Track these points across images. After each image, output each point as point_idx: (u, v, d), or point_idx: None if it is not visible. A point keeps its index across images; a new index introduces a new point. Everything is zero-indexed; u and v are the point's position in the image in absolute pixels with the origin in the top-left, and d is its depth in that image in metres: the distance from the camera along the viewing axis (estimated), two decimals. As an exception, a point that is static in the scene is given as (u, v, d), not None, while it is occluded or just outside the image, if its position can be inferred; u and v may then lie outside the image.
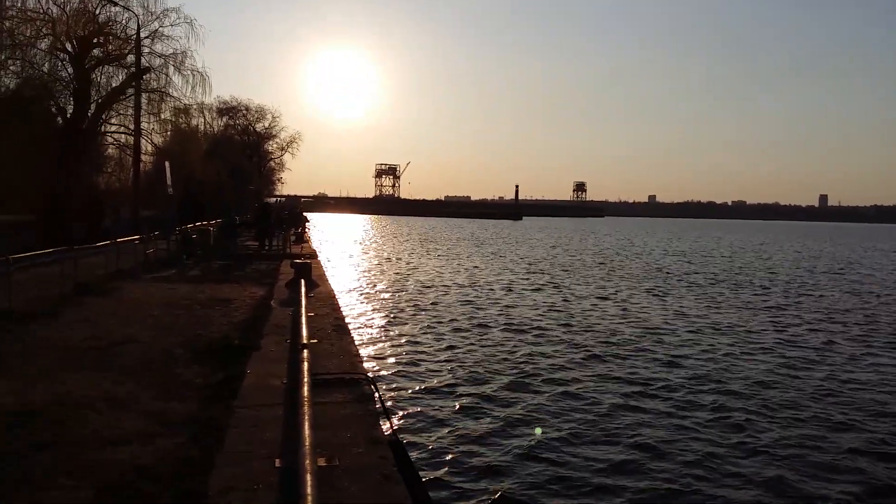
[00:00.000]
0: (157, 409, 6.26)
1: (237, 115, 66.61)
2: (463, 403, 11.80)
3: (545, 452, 9.64)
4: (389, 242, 69.00)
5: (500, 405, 11.86)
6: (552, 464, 9.26)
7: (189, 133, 34.59)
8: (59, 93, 26.69)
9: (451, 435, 10.12)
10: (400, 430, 9.69)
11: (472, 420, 10.92)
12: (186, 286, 15.65)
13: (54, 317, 10.93)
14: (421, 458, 9.04)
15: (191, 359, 8.36)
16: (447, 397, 12.17)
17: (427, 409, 11.35)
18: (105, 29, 27.30)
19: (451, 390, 12.68)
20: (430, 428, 10.41)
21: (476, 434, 10.26)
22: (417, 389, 12.64)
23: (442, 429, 10.39)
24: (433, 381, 13.26)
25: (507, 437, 10.19)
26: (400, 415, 10.90)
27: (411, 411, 11.22)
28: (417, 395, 12.23)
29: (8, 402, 6.23)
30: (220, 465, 4.83)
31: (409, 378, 13.49)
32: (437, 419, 10.88)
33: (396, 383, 13.05)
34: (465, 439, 9.97)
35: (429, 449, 9.51)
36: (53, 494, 4.34)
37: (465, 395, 12.36)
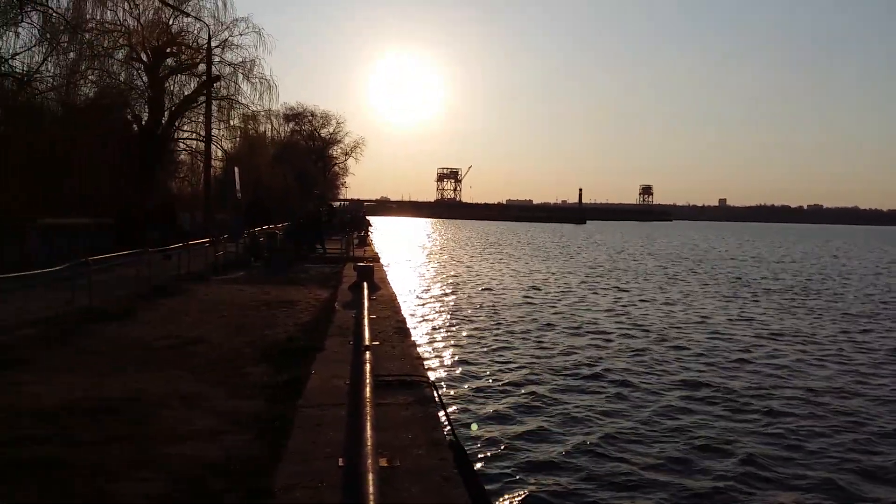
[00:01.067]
0: (226, 407, 6.46)
1: (303, 120, 68.25)
2: (523, 405, 11.75)
3: (605, 454, 9.56)
4: (450, 246, 69.28)
5: (560, 407, 11.77)
6: (612, 464, 9.19)
7: (257, 139, 35.62)
8: (134, 101, 27.96)
9: (511, 437, 10.08)
10: (461, 433, 9.71)
11: (533, 422, 10.85)
12: (254, 288, 16.10)
13: (131, 316, 11.42)
14: (481, 461, 9.04)
15: (258, 358, 8.59)
16: (507, 399, 12.13)
17: (487, 412, 11.34)
18: (178, 39, 28.44)
19: (512, 392, 12.64)
20: (490, 430, 10.40)
21: (536, 436, 10.20)
22: (478, 392, 12.64)
23: (502, 431, 10.36)
24: (493, 384, 13.24)
25: (567, 439, 10.11)
26: (460, 417, 10.92)
27: (472, 413, 11.23)
28: (478, 398, 12.23)
29: (88, 397, 6.55)
30: (285, 462, 4.94)
31: (470, 380, 13.51)
32: (498, 421, 10.85)
33: (457, 385, 13.08)
34: (526, 441, 9.91)
35: (489, 451, 9.50)
36: (127, 486, 4.53)
37: (525, 397, 12.29)
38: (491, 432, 10.32)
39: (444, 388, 12.53)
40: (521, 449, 9.67)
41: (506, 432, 10.35)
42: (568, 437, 10.26)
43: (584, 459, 9.37)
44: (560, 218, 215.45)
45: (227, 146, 33.88)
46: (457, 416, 10.90)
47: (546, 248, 69.41)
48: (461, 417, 10.93)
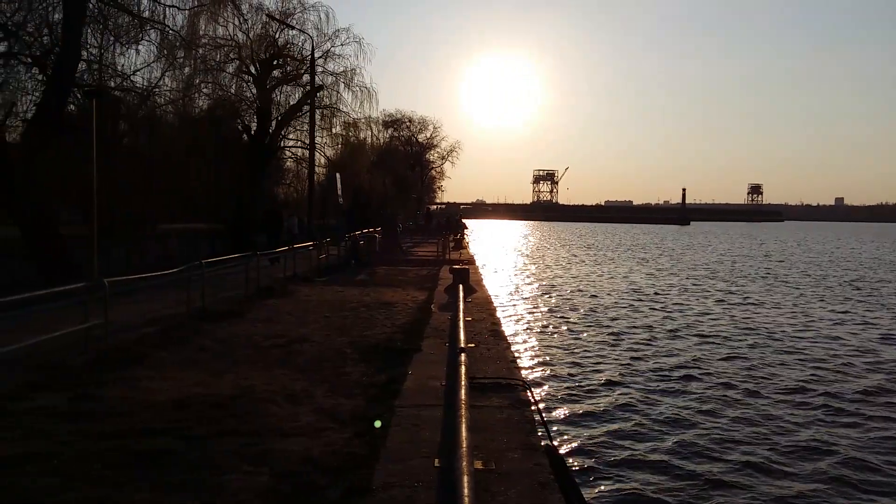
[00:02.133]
0: (328, 404, 6.66)
1: (401, 126, 69.47)
2: (621, 409, 11.47)
3: (706, 458, 9.27)
4: (546, 248, 68.56)
5: (658, 410, 11.46)
6: (712, 467, 8.92)
7: (357, 146, 36.58)
8: (244, 112, 29.36)
9: (608, 443, 9.84)
10: (556, 437, 9.58)
11: (631, 429, 10.55)
12: (354, 289, 16.54)
13: (240, 316, 12.00)
14: (577, 467, 8.88)
15: (358, 358, 8.81)
16: (605, 405, 11.85)
17: (584, 417, 11.12)
18: (284, 52, 29.65)
19: (609, 395, 12.36)
20: (586, 436, 10.19)
21: (634, 440, 9.94)
22: (574, 396, 12.43)
23: (599, 437, 10.13)
24: (590, 388, 12.98)
25: (666, 443, 9.81)
26: (556, 422, 10.76)
27: (568, 418, 11.05)
28: (574, 403, 12.02)
29: (199, 393, 6.92)
30: (383, 460, 5.04)
31: (566, 385, 13.29)
32: (594, 427, 10.62)
33: (553, 390, 12.91)
34: (623, 449, 9.65)
35: (585, 458, 9.31)
36: (234, 478, 4.75)
37: (624, 402, 11.98)
38: (588, 437, 10.12)
39: (540, 391, 12.40)
40: (619, 453, 9.43)
41: (603, 436, 10.12)
42: (667, 441, 9.95)
43: (683, 463, 9.09)
44: (662, 219, 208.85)
45: (329, 153, 35.02)
46: (553, 419, 10.75)
47: (647, 249, 67.42)
48: (558, 422, 10.78)
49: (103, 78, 22.55)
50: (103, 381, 7.31)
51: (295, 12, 29.37)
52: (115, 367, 7.88)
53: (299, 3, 29.68)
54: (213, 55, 26.04)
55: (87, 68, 20.99)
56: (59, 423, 5.79)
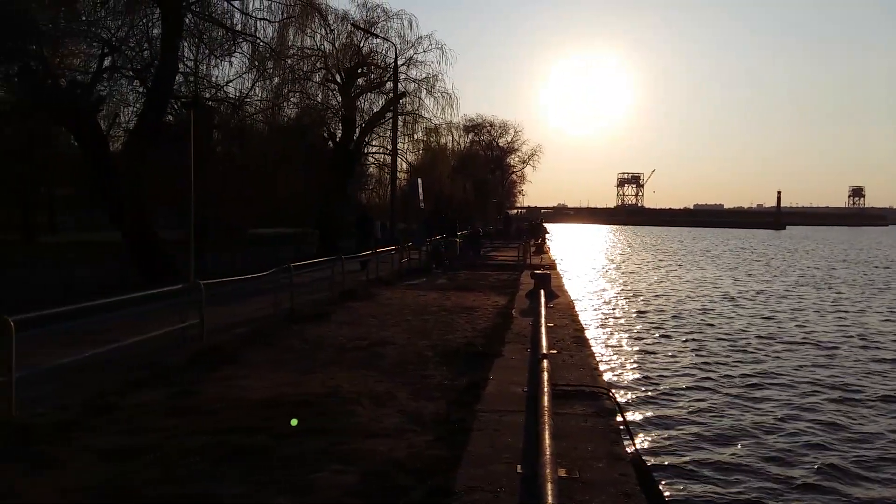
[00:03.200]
0: (411, 407, 6.77)
1: (482, 131, 69.62)
2: (709, 422, 11.06)
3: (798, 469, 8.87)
4: (631, 252, 67.06)
5: (750, 422, 11.00)
6: (805, 481, 8.52)
7: (438, 151, 36.95)
8: (329, 119, 30.21)
9: (696, 454, 9.53)
10: (642, 447, 9.35)
11: (720, 441, 10.17)
12: (435, 293, 16.70)
13: (326, 318, 12.33)
14: (665, 478, 8.64)
15: (439, 362, 8.90)
16: (693, 414, 11.48)
17: (671, 427, 10.81)
18: (368, 60, 30.33)
19: (697, 406, 11.95)
20: (674, 446, 9.90)
21: (724, 454, 9.56)
22: (661, 405, 12.10)
23: (686, 447, 9.82)
24: (677, 397, 12.60)
25: (758, 456, 9.41)
26: (642, 431, 10.51)
27: (654, 428, 10.76)
28: (661, 412, 11.70)
29: (289, 392, 7.17)
30: (465, 465, 5.07)
31: (652, 393, 12.96)
32: (682, 437, 10.30)
33: (638, 399, 12.61)
34: (712, 460, 9.31)
35: (673, 469, 9.05)
36: (324, 476, 4.90)
37: (712, 411, 11.57)
38: (675, 447, 9.83)
39: (625, 399, 12.15)
40: (707, 465, 9.12)
41: (691, 447, 9.80)
42: (758, 451, 9.57)
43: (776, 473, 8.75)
44: (755, 223, 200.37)
45: (411, 158, 35.54)
46: (639, 429, 10.51)
47: (737, 254, 64.87)
48: (644, 432, 10.52)
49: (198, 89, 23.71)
50: (200, 379, 7.69)
51: (379, 21, 30.02)
52: (210, 366, 8.27)
53: (383, 12, 30.34)
54: (301, 65, 26.88)
55: (183, 80, 22.12)
56: (161, 419, 6.13)
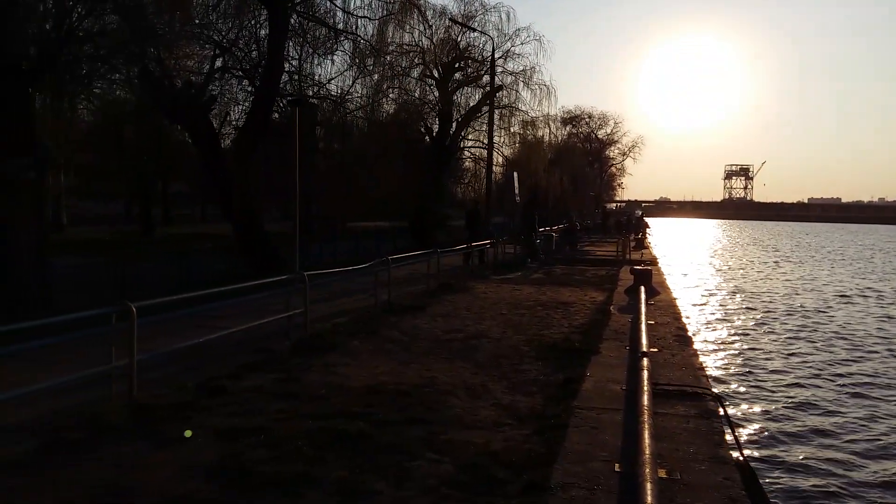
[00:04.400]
0: (506, 400, 6.78)
1: (580, 123, 68.61)
2: (821, 427, 10.46)
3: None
4: (739, 249, 64.14)
5: (865, 427, 10.31)
6: None
7: (534, 144, 36.65)
8: (426, 114, 30.60)
9: (806, 461, 9.04)
10: (749, 451, 8.96)
11: (833, 446, 9.60)
12: (530, 288, 16.61)
13: (422, 310, 12.53)
14: (772, 485, 8.24)
15: (535, 357, 8.86)
16: (802, 419, 10.89)
17: (779, 432, 10.29)
18: (465, 54, 30.48)
19: (810, 412, 11.32)
20: (782, 452, 9.42)
21: (837, 464, 9.01)
22: (769, 409, 11.54)
23: (796, 454, 9.33)
24: (786, 401, 11.98)
25: (875, 467, 8.80)
26: (748, 435, 10.06)
27: (762, 433, 10.28)
28: (769, 415, 11.16)
29: (388, 381, 7.34)
30: (562, 461, 5.03)
31: (760, 395, 12.38)
32: (791, 442, 9.80)
33: (745, 400, 12.08)
34: (823, 469, 8.81)
35: (781, 476, 8.62)
36: (420, 464, 5.00)
37: (823, 416, 10.94)
38: (785, 453, 9.36)
39: (731, 401, 11.66)
40: (818, 473, 8.63)
41: (802, 454, 9.31)
42: (875, 463, 8.93)
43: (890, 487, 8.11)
44: (875, 218, 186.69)
45: (507, 152, 35.47)
46: (745, 433, 10.07)
47: (853, 250, 60.78)
48: (750, 436, 10.07)
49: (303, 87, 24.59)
50: (304, 365, 8.00)
51: (476, 14, 30.09)
52: (313, 353, 8.60)
53: (481, 6, 30.39)
54: (399, 61, 27.36)
55: (288, 79, 23.01)
56: (268, 402, 6.43)
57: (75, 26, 11.67)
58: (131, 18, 13.10)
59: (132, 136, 37.98)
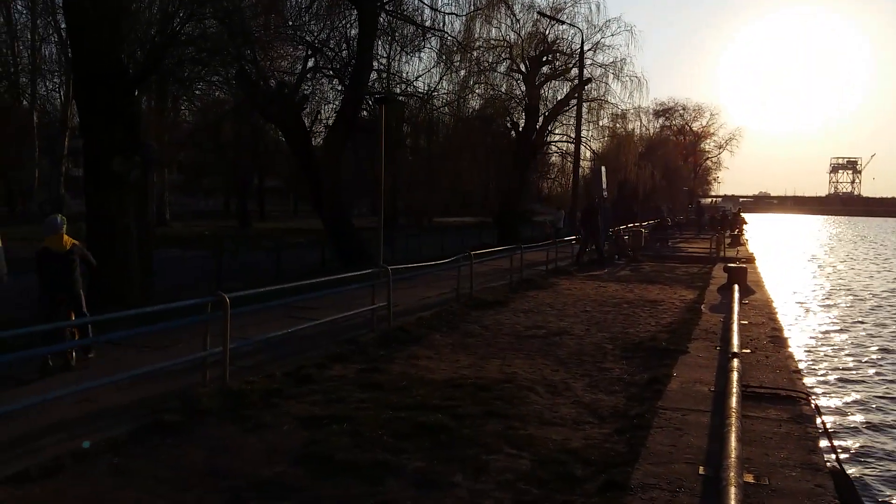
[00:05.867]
0: (587, 398, 6.69)
1: (673, 115, 66.47)
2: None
3: None
4: (844, 246, 60.46)
5: None
6: None
7: (624, 137, 35.75)
8: (512, 109, 30.39)
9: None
10: (845, 459, 8.46)
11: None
12: (616, 285, 16.27)
13: (504, 305, 12.51)
14: (869, 497, 7.75)
15: (619, 355, 8.68)
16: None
17: (880, 443, 9.64)
18: (553, 47, 30.06)
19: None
20: (882, 464, 8.82)
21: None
22: (870, 419, 10.82)
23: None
24: (890, 411, 11.20)
25: None
26: (845, 443, 9.49)
27: (860, 442, 9.67)
28: (869, 426, 10.47)
29: (469, 375, 7.39)
30: (643, 461, 4.92)
31: (860, 402, 11.64)
32: (894, 455, 9.16)
33: (844, 407, 11.39)
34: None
35: (880, 488, 8.08)
36: (498, 458, 5.01)
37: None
38: (885, 463, 8.77)
39: (828, 407, 11.03)
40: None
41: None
42: None
43: None
44: None
45: (595, 146, 34.78)
46: (841, 440, 9.50)
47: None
48: (847, 443, 9.50)
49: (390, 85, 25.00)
50: (387, 357, 8.17)
51: (565, 7, 29.59)
52: (396, 346, 8.76)
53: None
54: (486, 56, 27.33)
55: (376, 77, 23.44)
56: (352, 392, 6.61)
57: (178, 31, 12.27)
58: (229, 22, 13.67)
59: (230, 135, 39.76)
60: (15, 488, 4.32)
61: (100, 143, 10.69)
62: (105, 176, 10.63)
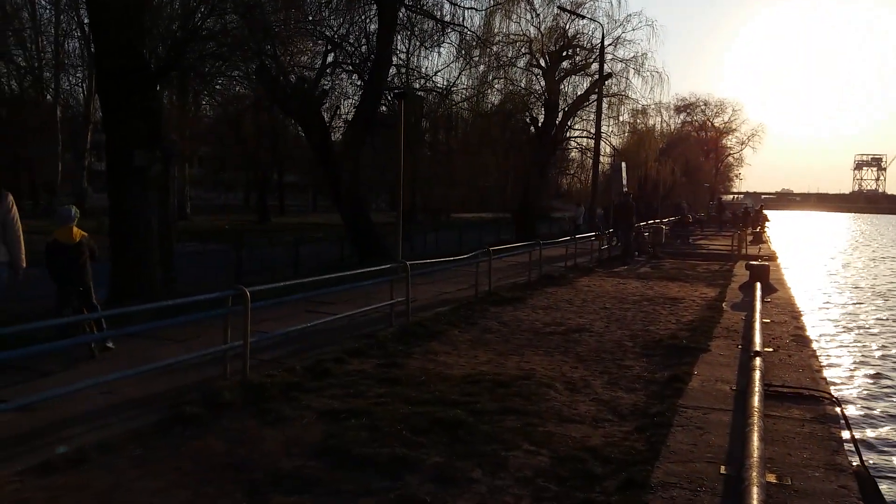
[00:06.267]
0: (606, 396, 6.64)
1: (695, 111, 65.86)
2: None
3: None
4: (869, 244, 59.55)
5: None
6: None
7: (645, 133, 35.44)
8: (532, 104, 30.22)
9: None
10: (870, 460, 8.33)
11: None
12: (636, 282, 16.15)
13: (522, 302, 12.47)
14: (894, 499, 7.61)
15: (639, 353, 8.62)
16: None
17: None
18: (573, 42, 29.86)
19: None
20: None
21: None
22: None
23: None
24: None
25: None
26: (871, 444, 9.33)
27: (886, 443, 9.51)
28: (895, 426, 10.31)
29: (487, 371, 7.37)
30: (663, 460, 4.88)
31: (886, 403, 11.44)
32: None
33: (869, 408, 11.19)
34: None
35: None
36: (516, 455, 4.99)
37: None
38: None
39: (853, 407, 10.87)
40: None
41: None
42: None
43: None
44: None
45: (615, 142, 34.54)
46: (867, 441, 9.35)
47: None
48: (873, 445, 9.34)
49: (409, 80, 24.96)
50: (405, 352, 8.18)
51: (586, 1, 29.35)
52: (415, 341, 8.76)
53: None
54: (506, 51, 27.16)
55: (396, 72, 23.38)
56: (370, 386, 6.62)
57: (199, 26, 12.33)
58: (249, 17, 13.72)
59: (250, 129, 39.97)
60: (40, 478, 4.37)
61: (122, 137, 10.79)
62: (127, 170, 10.73)
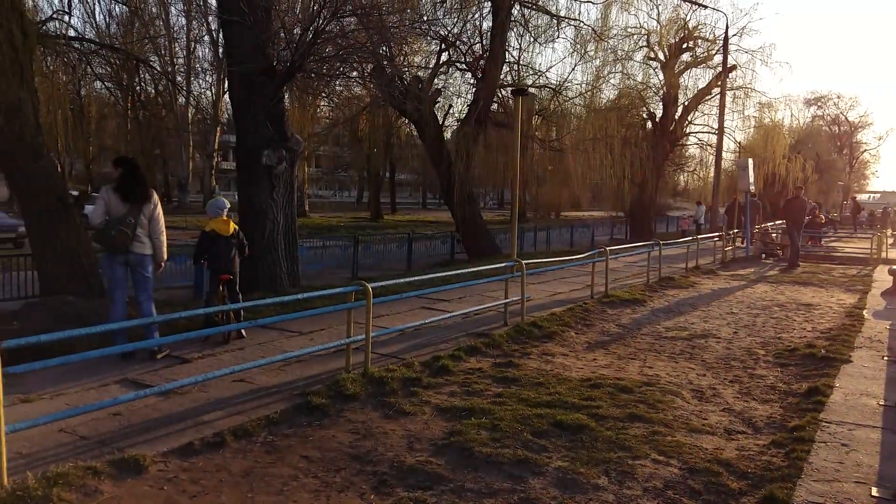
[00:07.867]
0: (738, 407, 6.26)
1: (826, 104, 61.64)
2: None
3: None
4: None
5: None
6: None
7: (772, 128, 33.45)
8: (649, 99, 29.26)
9: None
10: None
11: None
12: (764, 286, 15.24)
13: (641, 304, 12.04)
14: None
15: (771, 361, 8.10)
16: None
17: None
18: (694, 34, 28.65)
19: None
20: None
21: None
22: None
23: None
24: None
25: None
26: None
27: None
28: None
29: (607, 375, 7.14)
30: (807, 477, 4.53)
31: None
32: None
33: None
34: None
35: None
36: (644, 464, 4.78)
37: None
38: None
39: None
40: None
41: None
42: None
43: None
44: None
45: (739, 137, 32.91)
46: None
47: None
48: None
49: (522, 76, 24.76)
50: (521, 352, 8.07)
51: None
52: (530, 341, 8.64)
53: (714, -19, 28.30)
54: (622, 45, 26.46)
55: (508, 69, 23.27)
56: (489, 385, 6.58)
57: (321, 29, 12.75)
58: (367, 19, 14.04)
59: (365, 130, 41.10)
60: (182, 459, 4.63)
61: (251, 137, 11.34)
62: (256, 168, 11.26)
